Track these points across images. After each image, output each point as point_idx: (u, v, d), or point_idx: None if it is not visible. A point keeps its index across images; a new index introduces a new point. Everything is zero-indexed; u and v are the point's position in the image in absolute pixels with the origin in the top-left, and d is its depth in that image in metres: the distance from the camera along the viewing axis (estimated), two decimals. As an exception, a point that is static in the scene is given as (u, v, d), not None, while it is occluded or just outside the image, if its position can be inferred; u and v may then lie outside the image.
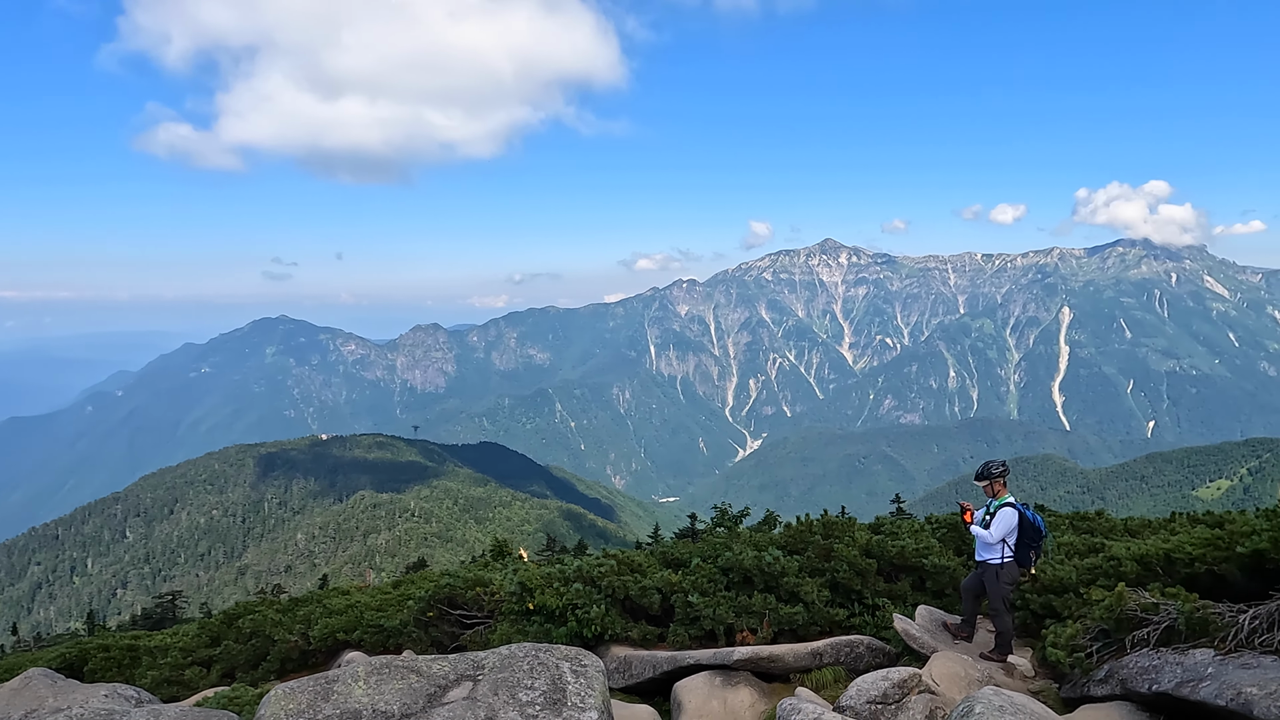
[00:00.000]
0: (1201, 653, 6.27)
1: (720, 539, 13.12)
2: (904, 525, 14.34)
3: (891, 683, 7.03)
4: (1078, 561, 10.41)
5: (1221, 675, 5.73)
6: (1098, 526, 14.04)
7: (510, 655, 6.22)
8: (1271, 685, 5.24)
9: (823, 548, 12.28)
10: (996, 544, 9.08)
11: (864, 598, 11.65)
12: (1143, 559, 8.86)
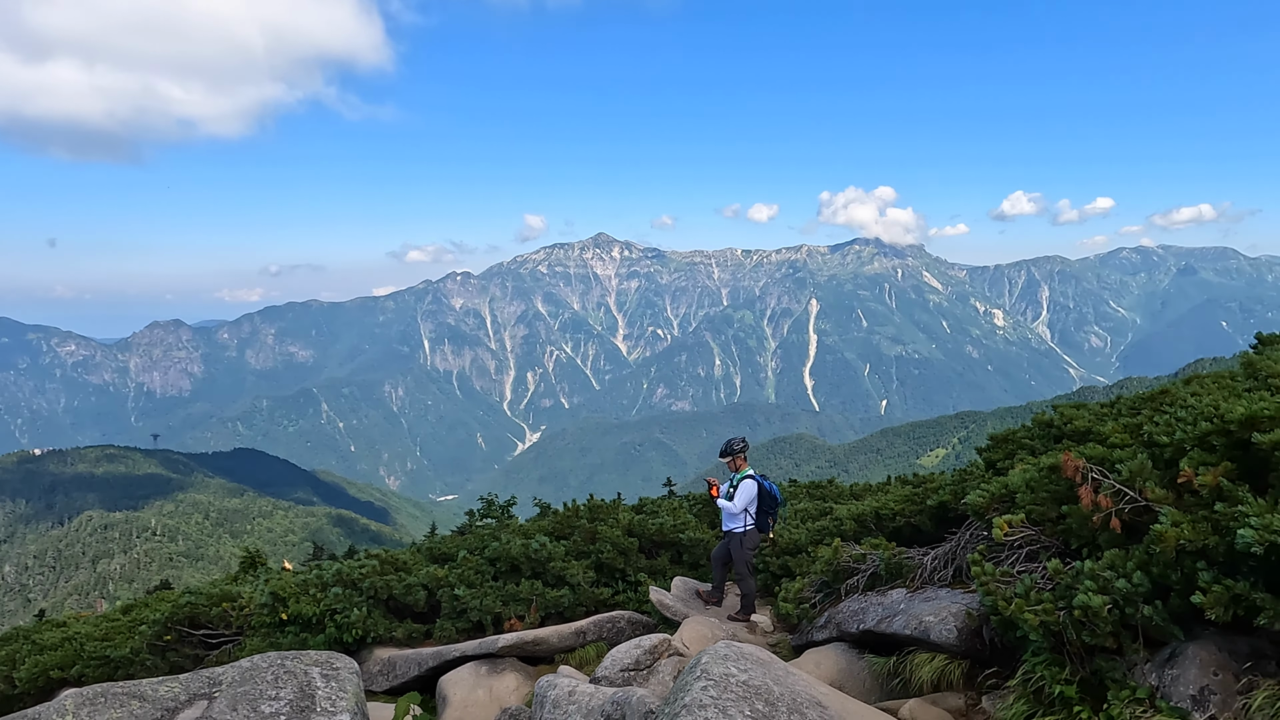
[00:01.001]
0: (897, 592, 7.28)
1: (488, 530, 13.13)
2: (664, 504, 15.15)
3: (643, 650, 7.46)
4: (810, 525, 11.62)
5: (910, 609, 6.71)
6: (829, 493, 15.73)
7: (253, 667, 5.84)
8: (943, 612, 6.23)
9: (588, 531, 12.69)
10: (740, 513, 9.89)
11: (627, 575, 12.20)
12: (859, 518, 10.07)
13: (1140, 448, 5.85)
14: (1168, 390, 7.26)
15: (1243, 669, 4.28)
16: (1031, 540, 6.02)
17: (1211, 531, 4.46)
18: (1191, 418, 5.64)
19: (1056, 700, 4.69)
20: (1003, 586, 5.51)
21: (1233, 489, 4.64)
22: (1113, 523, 5.15)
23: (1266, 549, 4.02)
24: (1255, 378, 6.47)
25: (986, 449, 8.98)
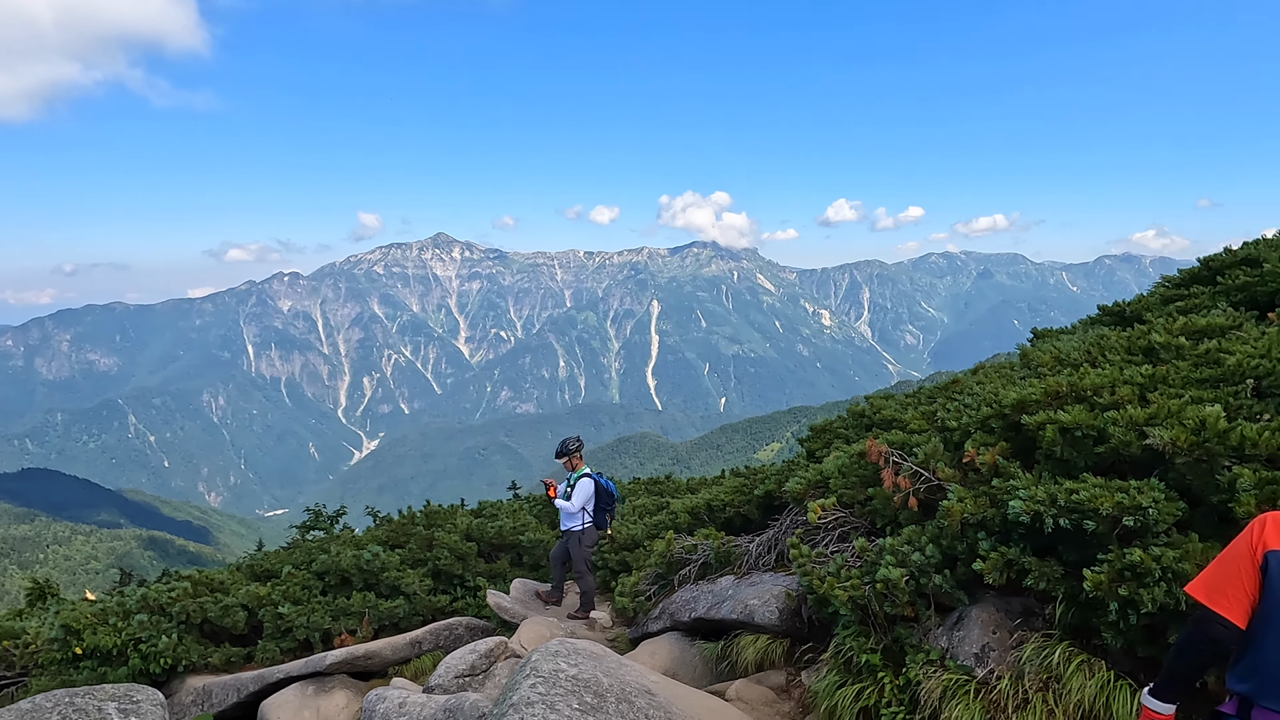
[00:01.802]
0: (726, 579, 7.59)
1: (315, 543, 12.47)
2: (503, 507, 14.99)
3: (479, 654, 7.35)
4: (647, 520, 11.87)
5: (737, 594, 7.01)
6: (666, 488, 16.14)
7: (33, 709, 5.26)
8: (766, 595, 6.56)
9: (425, 538, 12.34)
10: (578, 512, 9.95)
11: (466, 581, 11.97)
12: (692, 510, 10.39)
13: (934, 432, 6.41)
14: (958, 380, 8.00)
15: (1015, 625, 4.79)
16: (843, 522, 6.45)
17: (990, 505, 4.96)
18: (975, 404, 6.25)
19: (863, 668, 5.06)
20: (818, 566, 5.88)
21: (1007, 466, 5.19)
22: (911, 501, 5.62)
23: (1032, 518, 4.52)
24: (1028, 367, 7.25)
25: (807, 439, 9.53)
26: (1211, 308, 7.55)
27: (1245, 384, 5.21)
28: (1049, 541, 4.66)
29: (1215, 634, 2.35)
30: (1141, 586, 4.03)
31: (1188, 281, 9.18)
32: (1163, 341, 6.23)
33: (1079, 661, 4.31)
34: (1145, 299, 9.07)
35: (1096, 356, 6.55)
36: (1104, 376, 5.49)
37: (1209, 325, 6.37)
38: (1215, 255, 9.21)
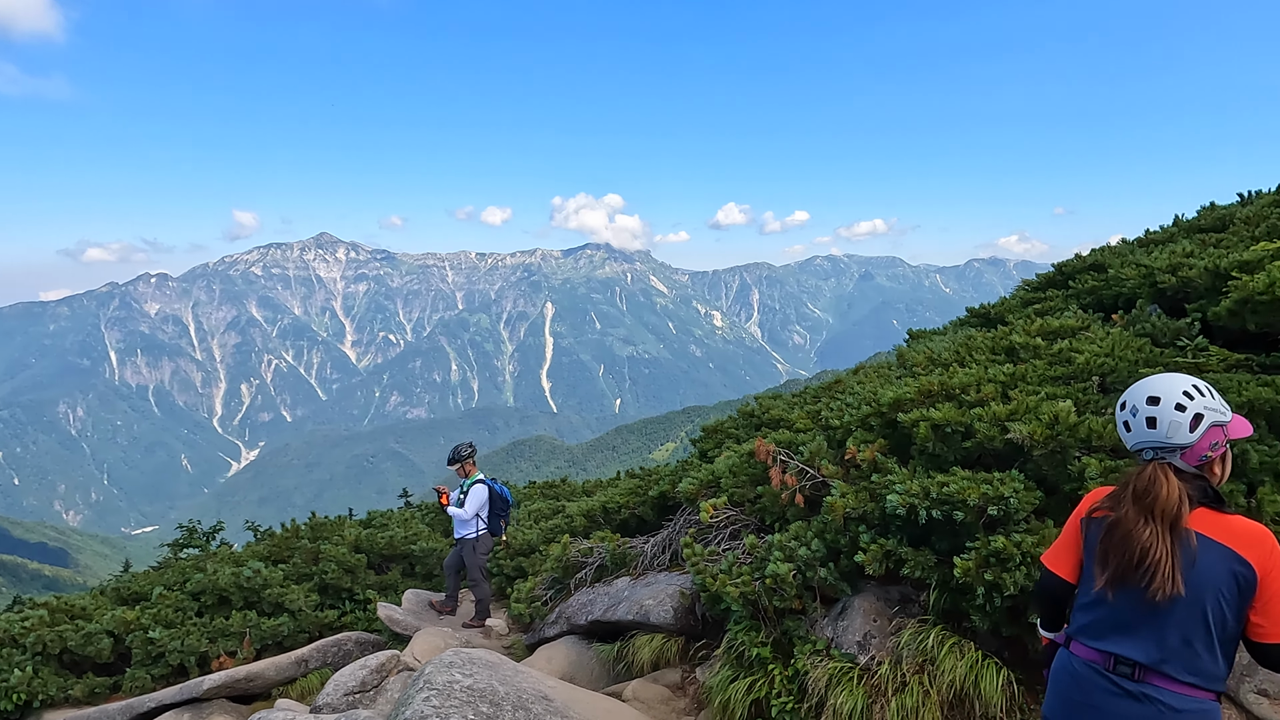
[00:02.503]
0: (622, 581, 7.66)
1: (189, 561, 11.79)
2: (394, 516, 14.60)
3: (369, 669, 7.14)
4: (543, 524, 11.83)
5: (633, 595, 7.08)
6: (561, 492, 16.10)
7: None
8: (661, 595, 6.66)
9: (310, 551, 11.88)
10: (471, 519, 9.81)
11: (355, 594, 11.60)
12: (588, 513, 10.42)
13: (819, 431, 6.68)
14: (840, 380, 8.36)
15: (894, 613, 5.06)
16: (734, 520, 6.63)
17: (870, 499, 5.22)
18: (856, 403, 6.55)
19: (755, 661, 5.22)
20: (710, 565, 6.02)
21: (885, 461, 5.47)
22: (798, 498, 5.84)
23: (908, 510, 4.79)
24: (904, 367, 7.66)
25: (699, 439, 9.73)
26: (1064, 310, 8.17)
27: (1092, 381, 5.68)
28: (924, 532, 4.94)
29: (1050, 585, 2.84)
30: (1004, 571, 4.33)
31: (1044, 285, 9.91)
32: (1022, 342, 6.71)
33: (951, 644, 4.60)
34: (1007, 302, 9.74)
35: (965, 356, 6.98)
36: (971, 376, 5.87)
37: (1061, 327, 6.90)
38: (1067, 261, 9.98)
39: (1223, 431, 2.49)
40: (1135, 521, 2.43)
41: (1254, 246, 6.91)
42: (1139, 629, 2.44)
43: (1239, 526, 2.39)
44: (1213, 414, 2.46)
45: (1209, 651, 2.37)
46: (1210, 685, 2.39)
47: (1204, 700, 2.38)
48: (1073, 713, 2.56)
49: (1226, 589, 2.34)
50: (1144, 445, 2.56)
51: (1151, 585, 2.36)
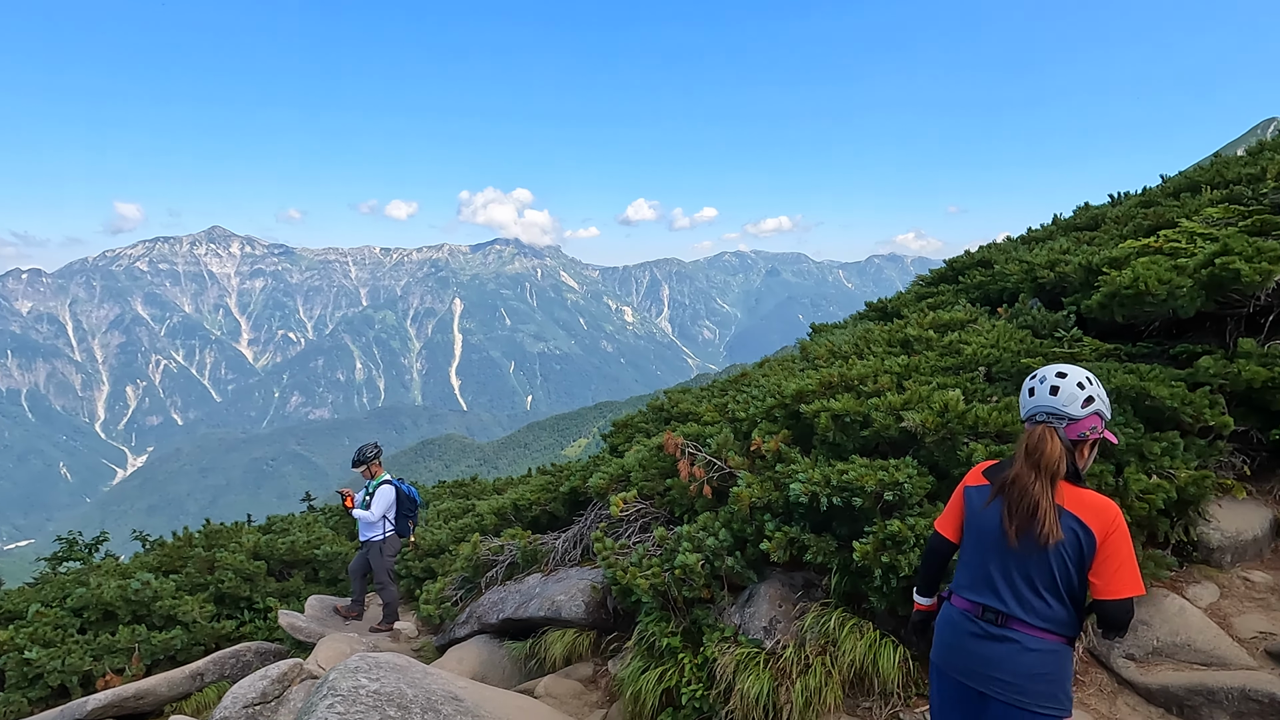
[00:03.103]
0: (533, 577, 7.63)
1: (70, 575, 11.08)
2: (296, 520, 14.10)
3: (270, 680, 6.88)
4: (452, 523, 11.65)
5: (544, 591, 7.07)
6: (471, 490, 15.90)
7: None
8: (572, 590, 6.68)
9: (205, 560, 11.35)
10: (378, 521, 9.57)
11: (254, 603, 11.15)
12: (499, 511, 10.33)
13: (726, 423, 6.82)
14: (746, 373, 8.55)
15: (798, 598, 5.23)
16: (644, 513, 6.71)
17: (775, 489, 5.38)
18: (761, 395, 6.72)
19: (665, 651, 5.30)
20: (621, 558, 6.07)
21: (789, 451, 5.64)
22: (706, 490, 5.95)
23: (810, 498, 4.96)
24: (807, 359, 7.91)
25: (610, 434, 9.78)
26: (955, 304, 8.60)
27: (979, 371, 6.00)
28: (825, 519, 5.12)
29: (936, 545, 3.32)
30: (900, 553, 4.54)
31: (937, 281, 10.39)
32: (916, 335, 7.02)
33: (851, 625, 4.78)
34: (903, 296, 10.16)
35: (863, 349, 7.26)
36: (868, 367, 6.11)
37: (952, 320, 7.26)
38: (957, 258, 10.50)
39: (1101, 421, 2.93)
40: (1028, 476, 2.84)
41: (1122, 244, 7.43)
42: (1002, 583, 2.90)
43: (1089, 499, 2.81)
44: (1100, 403, 2.92)
45: (1059, 602, 2.83)
46: (1061, 630, 2.85)
47: (1055, 642, 2.84)
48: (949, 654, 3.05)
49: (1072, 550, 2.78)
50: (1040, 410, 2.95)
51: (1042, 531, 2.78)
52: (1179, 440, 5.15)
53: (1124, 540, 2.75)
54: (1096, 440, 2.95)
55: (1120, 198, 11.68)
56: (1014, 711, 2.84)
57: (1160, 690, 4.44)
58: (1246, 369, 5.41)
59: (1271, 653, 4.49)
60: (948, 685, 3.08)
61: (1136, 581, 2.74)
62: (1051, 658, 2.83)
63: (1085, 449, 2.94)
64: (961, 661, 2.99)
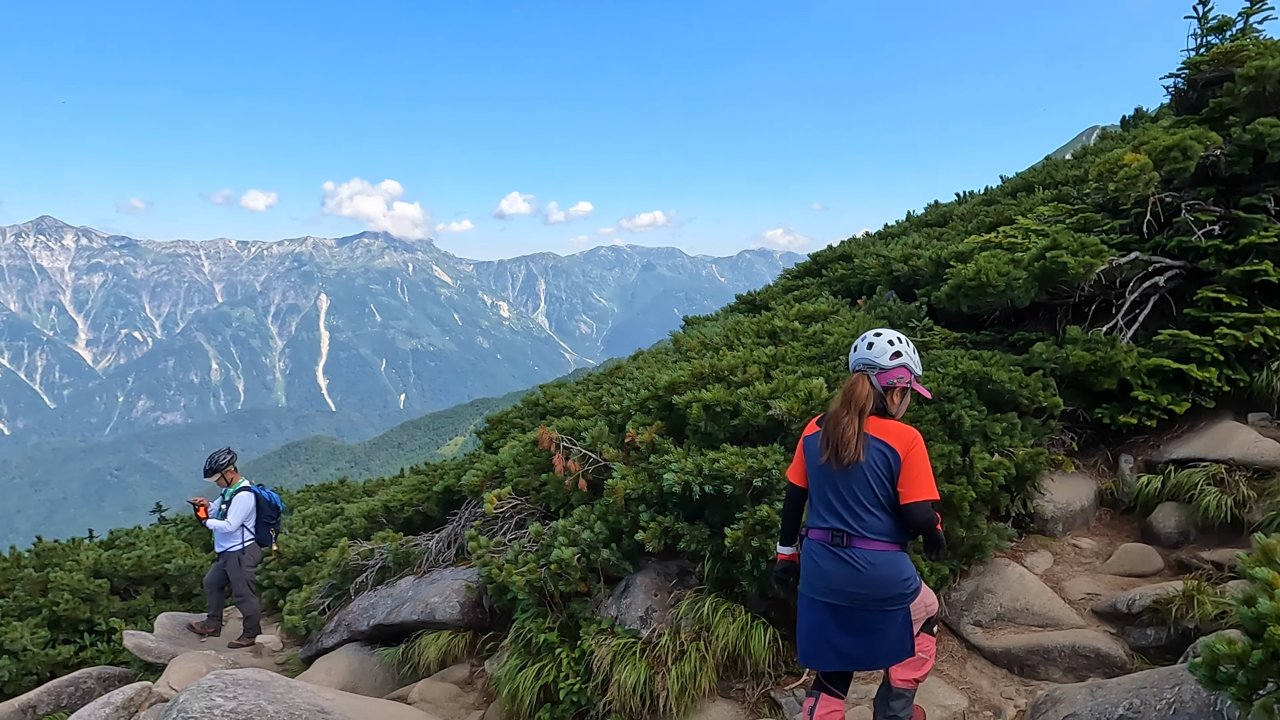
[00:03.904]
0: (406, 580, 7.39)
1: None
2: (143, 534, 13.10)
3: (114, 707, 6.37)
4: (319, 529, 11.13)
5: (417, 594, 6.87)
6: (340, 493, 15.26)
7: None
8: (446, 591, 6.52)
9: (37, 581, 10.37)
10: (236, 530, 9.03)
11: (96, 625, 10.28)
12: (369, 514, 9.94)
13: (601, 416, 6.84)
14: (621, 366, 8.61)
15: (673, 586, 5.31)
16: (520, 509, 6.63)
17: (649, 479, 5.43)
18: (635, 388, 6.78)
19: (542, 647, 5.26)
20: (496, 556, 5.97)
21: (662, 442, 5.71)
22: (581, 483, 5.94)
23: (683, 487, 5.04)
24: (680, 351, 8.04)
25: (484, 431, 9.61)
26: (819, 296, 8.97)
27: (841, 359, 6.27)
28: (698, 507, 5.22)
29: (791, 493, 3.75)
30: (769, 538, 4.68)
31: (802, 274, 10.80)
32: (783, 326, 7.27)
33: (724, 610, 4.90)
34: (771, 289, 10.51)
35: (733, 340, 7.45)
36: (738, 358, 6.27)
37: (815, 311, 7.56)
38: (821, 252, 10.95)
39: (909, 374, 3.45)
40: (842, 411, 3.37)
41: (967, 239, 7.96)
42: (841, 508, 3.36)
43: (893, 426, 3.35)
44: (907, 359, 3.45)
45: (884, 514, 3.31)
46: (893, 538, 3.33)
47: (889, 551, 3.32)
48: (811, 580, 3.46)
49: (883, 468, 3.29)
50: (858, 362, 3.50)
51: (850, 452, 3.28)
52: (1017, 421, 5.57)
53: (921, 456, 3.28)
54: (905, 389, 3.46)
55: (965, 196, 12.51)
56: (871, 615, 3.32)
57: (1004, 652, 4.79)
58: (1074, 354, 5.92)
59: (1097, 611, 4.94)
60: (815, 609, 3.43)
61: (932, 488, 3.26)
62: (889, 563, 3.31)
63: (895, 395, 3.45)
64: (822, 582, 3.39)
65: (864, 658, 3.40)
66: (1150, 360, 5.99)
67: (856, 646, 3.35)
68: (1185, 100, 7.99)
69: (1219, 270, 6.34)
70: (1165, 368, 5.96)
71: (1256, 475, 5.23)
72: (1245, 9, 7.71)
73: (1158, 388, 6.01)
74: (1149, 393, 5.94)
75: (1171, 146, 6.58)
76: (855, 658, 3.39)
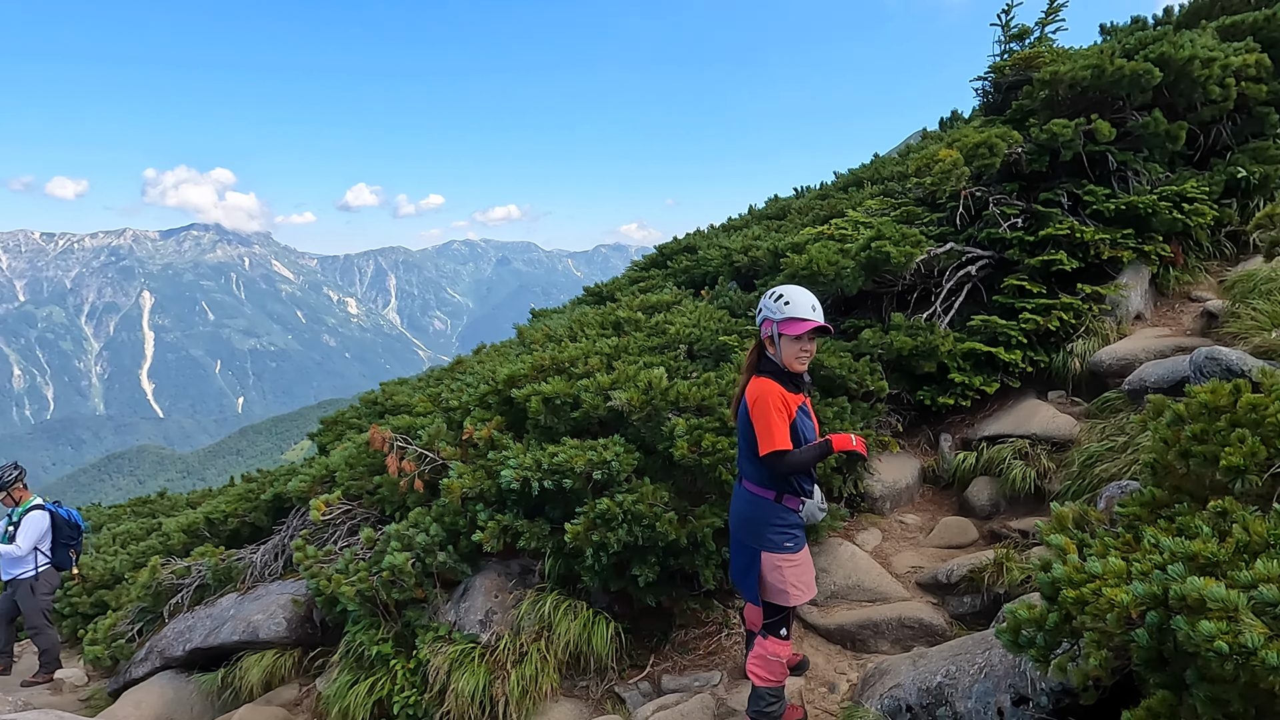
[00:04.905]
0: (228, 598, 6.80)
1: None
2: (-85, 564, 11.44)
3: None
4: (132, 547, 10.11)
5: (240, 613, 6.33)
6: (159, 507, 13.98)
7: None
8: (272, 607, 6.04)
9: None
10: (28, 554, 8.04)
11: None
12: (189, 528, 9.12)
13: (439, 413, 6.55)
14: (462, 361, 8.32)
15: (514, 586, 5.14)
16: (352, 515, 6.25)
17: (487, 477, 5.23)
18: (475, 382, 6.53)
19: (376, 660, 4.95)
20: (325, 565, 5.59)
21: (501, 438, 5.52)
22: (417, 484, 5.64)
23: (522, 483, 4.87)
24: (524, 344, 7.85)
25: (318, 433, 9.04)
26: (664, 287, 9.02)
27: (681, 349, 6.30)
28: (538, 503, 5.08)
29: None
30: (610, 530, 4.61)
31: (649, 266, 10.85)
32: (626, 316, 7.23)
33: (566, 607, 4.79)
34: (618, 280, 10.50)
35: (578, 332, 7.34)
36: (580, 349, 6.16)
37: (659, 302, 7.58)
38: (667, 244, 11.05)
39: (770, 323, 3.56)
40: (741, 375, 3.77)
41: (802, 231, 8.22)
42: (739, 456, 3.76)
43: (753, 384, 3.59)
44: (765, 311, 3.59)
45: (755, 463, 3.57)
46: (765, 485, 3.62)
47: (757, 496, 3.65)
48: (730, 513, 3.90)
49: (744, 423, 3.61)
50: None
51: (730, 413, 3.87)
52: (848, 405, 5.78)
53: (762, 412, 3.48)
54: (770, 335, 3.59)
55: (802, 191, 13.00)
56: (741, 545, 3.74)
57: (837, 629, 4.95)
58: (898, 340, 6.21)
59: (921, 583, 5.20)
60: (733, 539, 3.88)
61: (775, 441, 3.44)
62: (756, 505, 3.65)
63: (768, 344, 3.61)
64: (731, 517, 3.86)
65: (735, 578, 3.88)
66: (965, 344, 6.38)
67: (733, 568, 3.88)
68: (992, 102, 8.61)
69: (1022, 260, 6.85)
70: (978, 351, 6.37)
71: (1055, 448, 5.67)
72: (1041, 19, 8.40)
73: (971, 370, 6.41)
74: (964, 375, 6.33)
75: (980, 144, 7.05)
76: (733, 576, 3.90)
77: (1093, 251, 6.65)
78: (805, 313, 3.48)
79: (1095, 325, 6.43)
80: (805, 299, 3.53)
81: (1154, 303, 6.93)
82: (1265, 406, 2.75)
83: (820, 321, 3.50)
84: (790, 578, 3.64)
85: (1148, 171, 7.09)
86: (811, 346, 3.57)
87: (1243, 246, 7.05)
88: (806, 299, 3.53)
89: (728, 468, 4.79)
